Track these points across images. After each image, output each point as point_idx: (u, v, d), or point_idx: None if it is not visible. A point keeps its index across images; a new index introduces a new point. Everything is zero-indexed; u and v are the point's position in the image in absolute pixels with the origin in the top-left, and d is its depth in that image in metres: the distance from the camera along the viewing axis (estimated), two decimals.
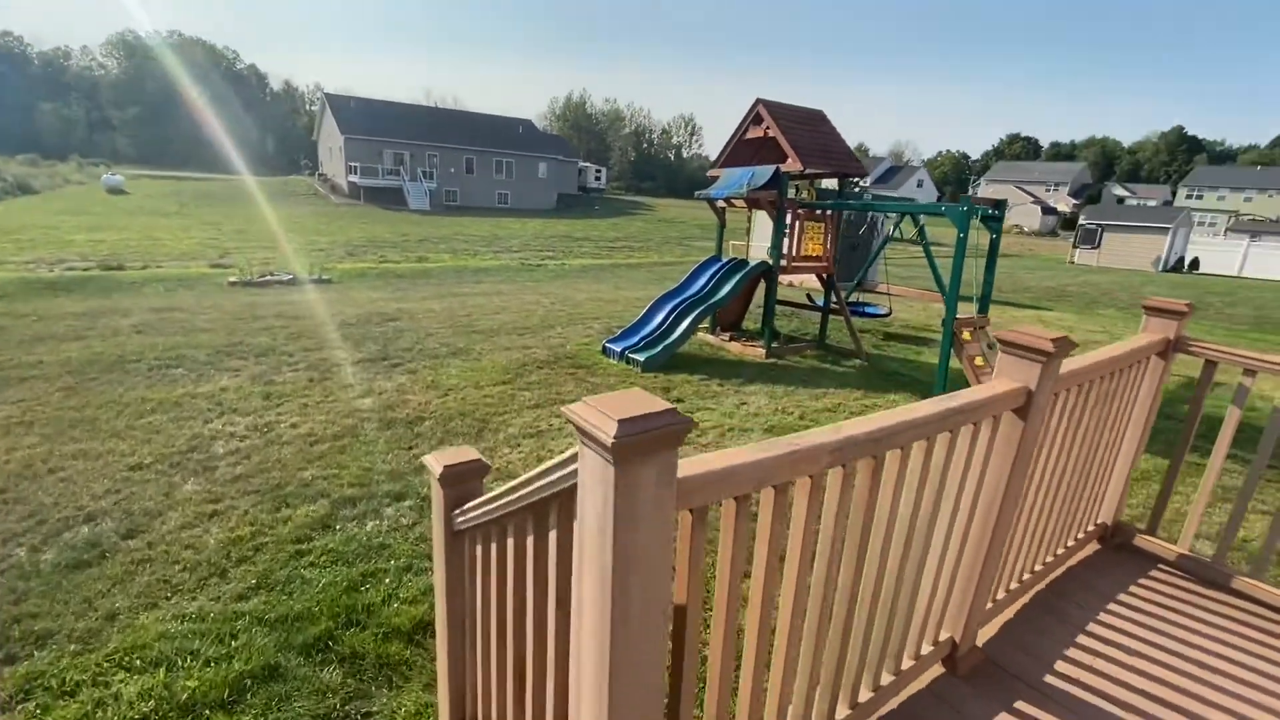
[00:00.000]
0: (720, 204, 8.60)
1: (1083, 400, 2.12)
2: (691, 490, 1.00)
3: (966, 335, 6.69)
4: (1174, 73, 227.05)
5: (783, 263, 8.00)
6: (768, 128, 7.87)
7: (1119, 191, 75.43)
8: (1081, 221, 33.30)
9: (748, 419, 5.77)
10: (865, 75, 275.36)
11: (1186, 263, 30.17)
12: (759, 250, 11.10)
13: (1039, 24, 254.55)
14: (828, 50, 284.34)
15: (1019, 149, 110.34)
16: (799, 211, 8.01)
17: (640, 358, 7.20)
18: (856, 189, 8.63)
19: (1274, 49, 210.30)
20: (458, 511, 1.77)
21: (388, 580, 3.13)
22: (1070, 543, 2.58)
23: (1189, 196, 70.58)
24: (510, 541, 1.42)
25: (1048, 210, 56.22)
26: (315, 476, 4.20)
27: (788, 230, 7.91)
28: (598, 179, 57.66)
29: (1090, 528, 2.72)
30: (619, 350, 7.53)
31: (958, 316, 6.56)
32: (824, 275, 8.63)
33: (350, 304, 10.65)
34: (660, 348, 7.35)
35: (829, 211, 8.37)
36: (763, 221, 11.44)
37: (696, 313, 7.69)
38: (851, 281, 10.35)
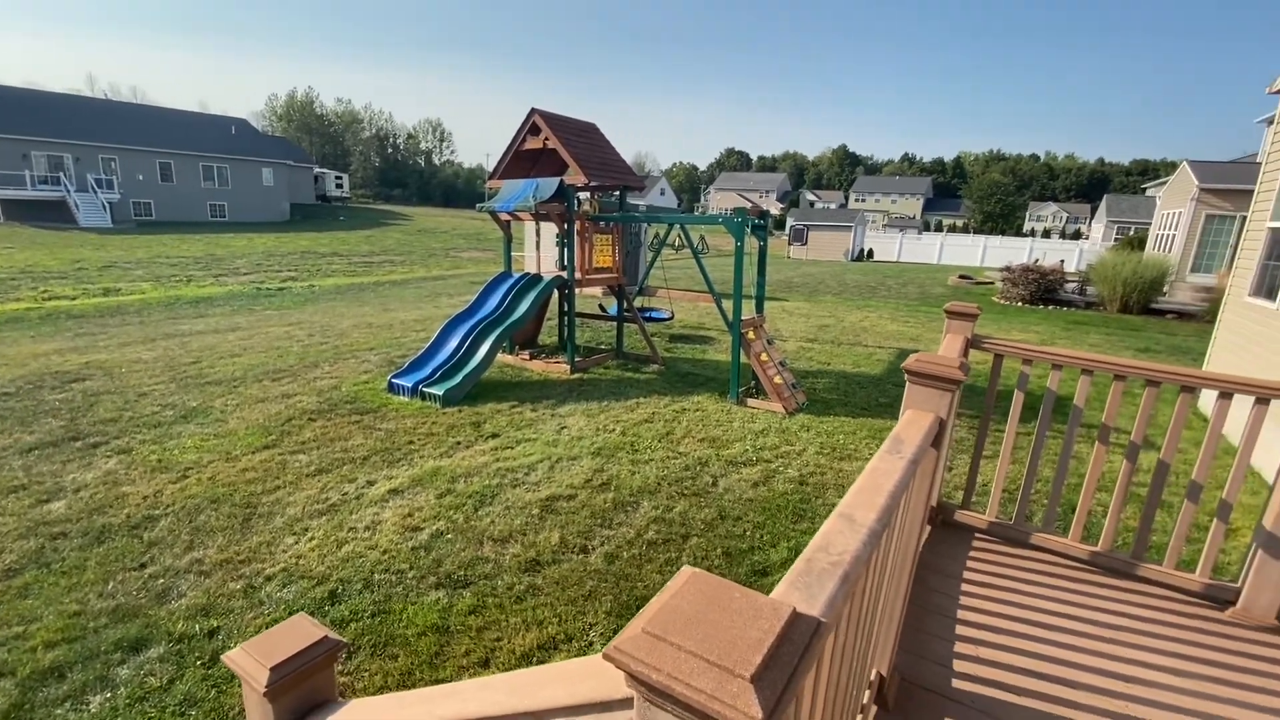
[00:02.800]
0: (505, 217, 8.13)
1: None
2: None
3: (751, 335, 7.28)
4: (839, 102, 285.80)
5: (577, 276, 7.86)
6: (546, 139, 7.64)
7: (810, 197, 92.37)
8: (791, 223, 39.74)
9: (573, 444, 5.48)
10: (598, 91, 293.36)
11: (866, 252, 37.84)
12: (546, 260, 10.84)
13: (742, 52, 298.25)
14: (568, 67, 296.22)
15: (735, 161, 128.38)
16: (587, 224, 7.94)
17: (438, 391, 6.43)
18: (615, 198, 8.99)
19: (900, 91, 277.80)
20: None
21: None
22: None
23: (856, 200, 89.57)
24: None
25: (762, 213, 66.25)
26: None
27: (579, 243, 7.79)
28: (339, 186, 51.74)
29: (923, 511, 3.03)
30: (410, 385, 6.63)
31: (744, 318, 7.09)
32: (615, 286, 8.72)
33: (2, 363, 7.73)
34: (460, 377, 6.65)
35: (615, 223, 8.47)
36: (545, 234, 11.21)
37: (496, 334, 7.14)
38: (634, 287, 10.68)
